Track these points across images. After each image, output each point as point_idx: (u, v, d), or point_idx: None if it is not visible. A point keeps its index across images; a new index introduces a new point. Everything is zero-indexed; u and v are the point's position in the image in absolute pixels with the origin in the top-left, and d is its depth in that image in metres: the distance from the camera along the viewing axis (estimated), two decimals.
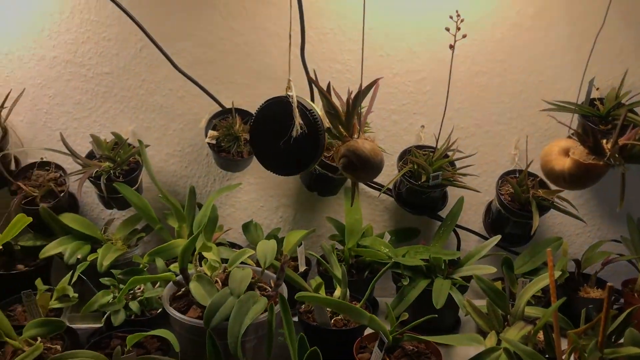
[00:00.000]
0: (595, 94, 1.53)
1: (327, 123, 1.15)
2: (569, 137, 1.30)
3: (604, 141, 1.11)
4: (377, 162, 1.09)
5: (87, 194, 1.61)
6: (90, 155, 1.52)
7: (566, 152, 1.17)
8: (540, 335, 1.24)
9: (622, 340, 1.14)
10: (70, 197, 1.57)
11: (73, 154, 1.46)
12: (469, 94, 1.58)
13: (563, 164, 1.16)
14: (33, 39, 1.51)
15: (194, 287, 1.20)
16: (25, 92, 1.52)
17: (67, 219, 1.49)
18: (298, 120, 1.07)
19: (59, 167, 1.55)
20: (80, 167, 1.50)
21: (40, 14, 1.49)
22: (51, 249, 1.46)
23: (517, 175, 1.56)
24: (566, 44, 1.54)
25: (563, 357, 1.11)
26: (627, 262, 1.60)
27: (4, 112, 1.49)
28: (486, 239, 1.57)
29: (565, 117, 1.47)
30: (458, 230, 1.65)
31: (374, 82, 1.11)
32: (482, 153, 1.62)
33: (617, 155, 1.08)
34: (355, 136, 1.11)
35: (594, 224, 1.70)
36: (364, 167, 1.08)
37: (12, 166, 1.55)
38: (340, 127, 1.11)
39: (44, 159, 1.56)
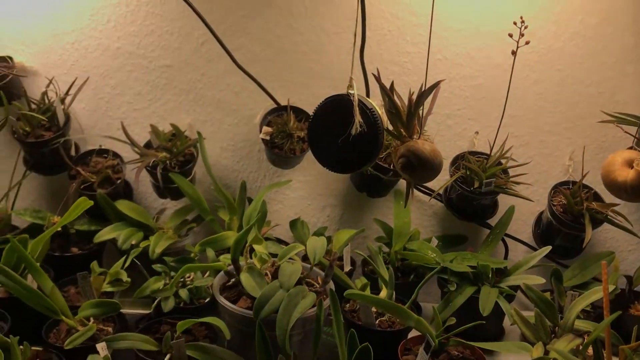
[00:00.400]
0: None
1: (386, 123, 1.15)
2: (631, 147, 1.27)
3: None
4: (436, 164, 1.10)
5: (142, 183, 1.65)
6: (148, 145, 1.56)
7: (630, 164, 1.15)
8: (590, 350, 1.22)
9: None
10: (125, 184, 1.62)
11: (132, 142, 1.51)
12: (525, 102, 1.57)
13: (626, 175, 1.14)
14: (99, 30, 1.56)
15: (244, 278, 1.22)
16: (88, 80, 1.58)
17: (123, 205, 1.54)
18: (358, 118, 1.08)
19: (116, 155, 1.60)
20: (137, 157, 1.54)
21: (107, 6, 1.54)
22: (105, 234, 1.50)
23: (571, 186, 1.53)
24: (629, 55, 1.51)
25: None
26: None
27: (68, 99, 1.55)
28: (535, 249, 1.56)
29: (627, 129, 1.44)
30: (507, 239, 1.63)
31: (437, 84, 1.11)
32: (536, 163, 1.60)
33: None
34: (415, 137, 1.11)
35: None
36: (424, 168, 1.08)
37: (73, 152, 1.60)
38: (400, 127, 1.11)
39: (102, 147, 1.61)
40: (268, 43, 1.55)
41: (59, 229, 1.32)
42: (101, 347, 1.12)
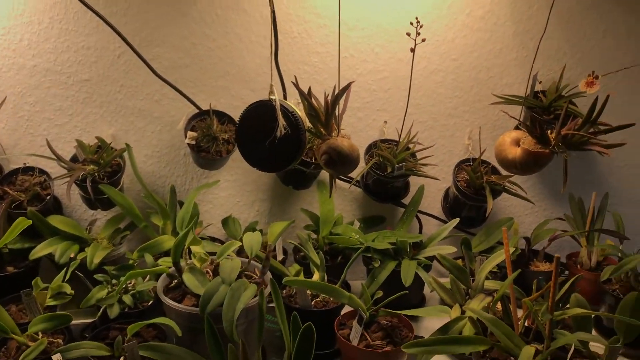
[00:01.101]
0: (538, 87, 1.69)
1: (307, 123, 1.27)
2: (517, 128, 1.45)
3: (549, 131, 1.27)
4: (354, 158, 1.22)
5: (70, 198, 1.68)
6: (74, 159, 1.59)
7: (517, 142, 1.33)
8: (499, 305, 1.40)
9: (568, 305, 1.31)
10: (54, 200, 1.64)
11: (59, 158, 1.53)
12: (426, 90, 1.73)
13: (515, 152, 1.32)
14: (12, 49, 1.56)
15: (187, 278, 1.30)
16: (6, 100, 1.58)
17: (55, 220, 1.56)
18: (282, 121, 1.18)
19: (42, 172, 1.62)
20: (63, 171, 1.57)
21: (19, 24, 1.54)
22: (41, 250, 1.53)
23: (472, 163, 1.71)
24: (511, 43, 1.70)
25: (519, 322, 1.27)
26: (570, 237, 1.78)
27: None
28: (445, 222, 1.73)
29: (513, 109, 1.63)
30: (420, 215, 1.80)
31: (348, 85, 1.24)
32: (439, 145, 1.78)
33: (560, 144, 1.24)
34: (334, 134, 1.23)
35: (541, 205, 1.88)
36: (344, 162, 1.21)
37: None
38: (320, 126, 1.23)
39: (27, 164, 1.62)
40: (184, 51, 1.62)
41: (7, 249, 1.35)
42: (56, 357, 1.17)
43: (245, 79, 1.64)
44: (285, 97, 1.57)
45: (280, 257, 1.64)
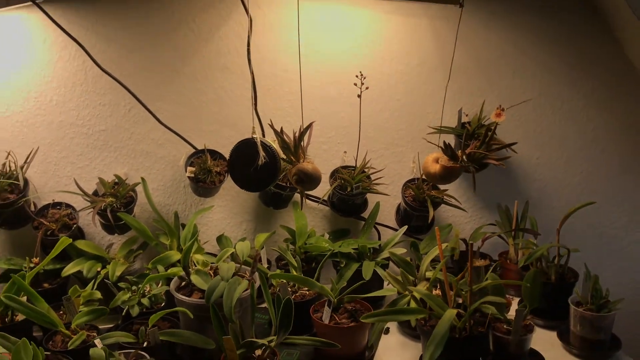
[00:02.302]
0: (465, 119, 2.12)
1: (281, 154, 1.67)
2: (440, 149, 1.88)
3: (459, 152, 1.69)
4: (317, 177, 1.63)
5: (89, 226, 2.05)
6: (95, 194, 1.97)
7: (437, 160, 1.74)
8: (439, 291, 1.79)
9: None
10: (78, 229, 2.01)
11: (84, 193, 1.91)
12: (377, 125, 2.15)
13: (435, 168, 1.73)
14: (44, 108, 1.95)
15: (194, 278, 1.67)
16: (38, 150, 1.96)
17: (81, 244, 1.93)
18: (262, 153, 1.58)
19: (68, 206, 1.99)
20: (85, 204, 1.94)
21: (49, 89, 1.94)
22: (71, 268, 1.89)
23: (416, 181, 2.12)
24: (441, 84, 2.12)
25: (451, 298, 1.66)
26: (500, 238, 2.19)
27: (25, 167, 1.93)
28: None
29: (447, 137, 2.05)
30: (378, 227, 2.20)
31: (310, 125, 1.65)
32: (390, 168, 2.18)
33: (466, 160, 1.66)
34: (302, 161, 1.64)
35: (477, 214, 2.29)
36: (309, 180, 1.61)
37: (32, 207, 1.97)
38: (290, 155, 1.64)
39: (55, 201, 1.99)
40: (181, 103, 2.02)
41: (32, 264, 1.72)
42: (98, 342, 1.53)
43: (231, 124, 2.04)
44: (264, 135, 1.97)
45: (265, 265, 2.01)
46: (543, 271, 1.92)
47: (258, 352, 1.54)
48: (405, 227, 2.01)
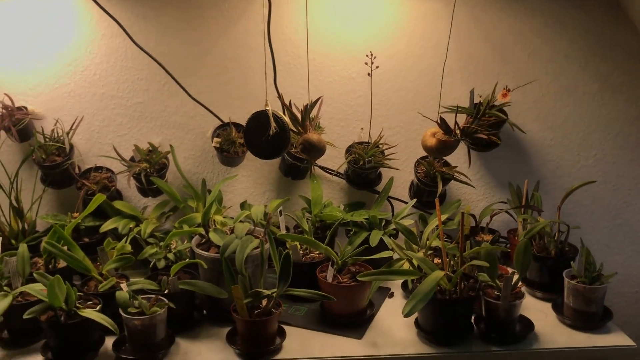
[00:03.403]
0: (478, 100, 2.21)
1: (291, 126, 1.83)
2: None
3: (455, 126, 1.80)
4: (321, 147, 1.78)
5: (127, 189, 2.26)
6: (132, 159, 2.18)
7: (434, 135, 1.86)
8: (438, 259, 1.91)
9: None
10: (117, 191, 2.23)
11: (122, 158, 2.12)
12: (392, 104, 2.27)
13: (432, 142, 1.85)
14: (88, 81, 2.17)
15: (212, 235, 1.85)
16: (83, 119, 2.19)
17: (118, 204, 2.14)
18: (273, 124, 1.75)
19: (108, 170, 2.21)
20: (123, 169, 2.16)
21: (93, 64, 2.16)
22: (108, 225, 2.10)
23: (428, 158, 2.23)
24: (455, 66, 2.23)
25: (447, 264, 1.77)
26: (510, 216, 2.28)
27: (71, 133, 2.16)
28: (412, 207, 2.25)
29: (460, 117, 2.15)
30: (392, 200, 2.33)
31: (318, 99, 1.80)
32: (405, 146, 2.30)
33: (459, 134, 1.77)
34: (308, 132, 1.79)
35: (489, 192, 2.38)
36: (313, 150, 1.76)
37: (77, 170, 2.20)
38: (298, 127, 1.79)
39: (97, 165, 2.22)
40: (211, 79, 2.20)
41: (80, 221, 1.94)
42: (124, 286, 1.73)
43: (255, 99, 2.20)
44: (284, 112, 2.13)
45: (283, 231, 2.18)
46: (544, 246, 2.01)
47: (264, 302, 1.71)
48: (415, 200, 2.13)
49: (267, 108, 1.78)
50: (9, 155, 2.19)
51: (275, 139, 1.77)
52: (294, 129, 1.83)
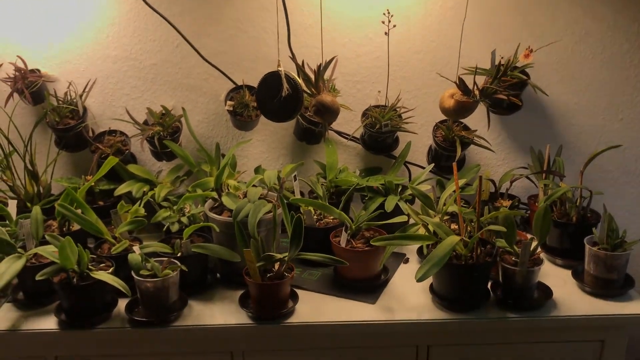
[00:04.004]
0: (499, 61, 2.13)
1: (305, 88, 1.78)
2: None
3: (474, 87, 1.73)
4: (335, 109, 1.73)
5: (141, 153, 2.25)
6: (146, 123, 2.16)
7: (452, 96, 1.79)
8: (455, 225, 1.87)
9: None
10: (131, 155, 2.22)
11: (135, 122, 2.10)
12: (411, 66, 2.20)
13: (450, 103, 1.79)
14: (100, 43, 2.14)
15: (225, 199, 1.83)
16: (96, 81, 2.17)
17: (133, 168, 2.13)
18: (285, 85, 1.70)
19: (122, 133, 2.19)
20: (136, 133, 2.14)
21: (106, 26, 2.12)
22: (123, 188, 2.09)
23: (447, 122, 2.17)
24: (475, 27, 2.14)
25: (464, 230, 1.73)
26: (531, 182, 2.22)
27: (83, 96, 2.14)
28: (430, 172, 2.20)
29: (479, 79, 2.08)
30: (410, 166, 2.28)
31: (332, 59, 1.75)
32: (423, 109, 2.24)
33: (478, 95, 1.70)
34: (322, 93, 1.74)
35: (510, 157, 2.31)
36: (327, 111, 1.71)
37: (90, 134, 2.19)
38: (311, 88, 1.74)
39: (111, 128, 2.20)
40: (224, 41, 2.15)
41: (93, 184, 1.93)
42: (136, 249, 1.72)
43: (269, 60, 2.15)
44: (298, 75, 2.08)
45: (298, 196, 2.15)
46: (565, 212, 1.95)
47: (277, 266, 1.69)
48: (432, 165, 2.08)
49: (280, 69, 1.73)
50: (23, 118, 2.18)
51: (287, 100, 1.73)
52: (307, 91, 1.78)
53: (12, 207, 1.92)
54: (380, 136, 2.10)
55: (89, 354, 1.68)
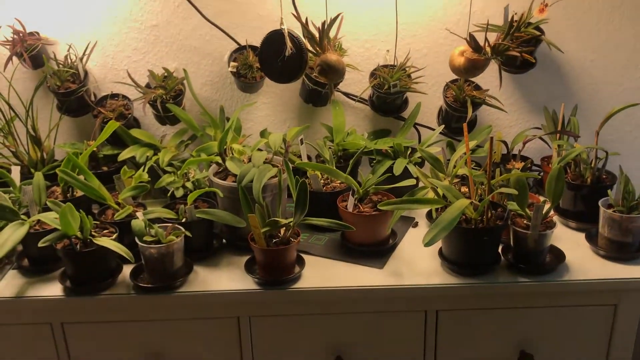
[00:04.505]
0: (512, 17, 2.04)
1: (309, 47, 1.71)
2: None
3: (485, 43, 1.65)
4: (341, 68, 1.66)
5: (145, 117, 2.20)
6: (148, 86, 2.11)
7: (462, 53, 1.72)
8: (465, 188, 1.82)
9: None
10: (134, 119, 2.17)
11: (136, 85, 2.05)
12: (421, 24, 2.11)
13: (460, 61, 1.71)
14: (99, 5, 2.08)
15: (229, 164, 1.79)
16: (97, 44, 2.11)
17: (136, 132, 2.09)
18: (289, 44, 1.63)
19: (125, 97, 2.14)
20: (139, 96, 2.09)
21: None
22: (127, 153, 2.06)
23: (458, 82, 2.10)
24: None
25: (474, 193, 1.68)
26: (544, 143, 2.15)
27: (84, 59, 2.09)
28: (440, 134, 2.14)
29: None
30: (419, 127, 2.22)
31: (337, 16, 1.67)
32: (434, 68, 2.16)
33: (489, 52, 1.63)
34: (327, 52, 1.68)
35: (524, 118, 2.24)
36: (332, 71, 1.65)
37: (92, 98, 2.14)
38: (316, 46, 1.67)
39: (113, 92, 2.15)
40: (226, 0, 2.08)
41: (95, 149, 1.89)
42: (139, 215, 1.70)
43: (273, 20, 2.08)
44: (303, 34, 2.01)
45: (305, 160, 2.10)
46: (580, 174, 1.89)
47: (282, 231, 1.66)
48: (442, 126, 2.03)
49: (283, 27, 1.67)
50: (25, 83, 2.14)
51: (291, 60, 1.66)
52: (312, 50, 1.71)
53: (16, 173, 1.90)
54: (389, 97, 2.04)
55: (94, 320, 1.67)
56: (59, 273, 1.68)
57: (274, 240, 1.64)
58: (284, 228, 1.65)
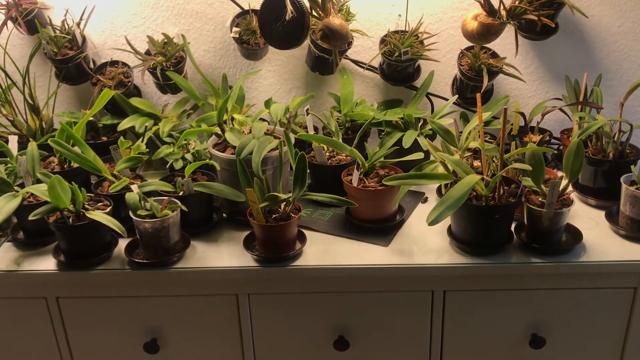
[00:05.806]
0: None
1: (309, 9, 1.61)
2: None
3: (500, 6, 1.53)
4: (344, 33, 1.56)
5: (146, 86, 2.13)
6: (148, 53, 2.02)
7: (476, 17, 1.60)
8: (478, 162, 1.71)
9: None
10: (135, 87, 2.10)
11: (135, 51, 1.97)
12: None
13: (473, 26, 1.59)
14: None
15: (228, 135, 1.71)
16: (95, 8, 2.02)
17: (136, 101, 2.01)
18: (290, 7, 1.53)
19: (125, 64, 2.06)
20: (139, 64, 2.01)
21: None
22: (126, 123, 1.98)
23: (473, 49, 1.98)
24: None
25: (486, 168, 1.58)
26: (565, 115, 2.03)
27: (82, 24, 2.00)
28: (455, 103, 2.03)
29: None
30: (432, 97, 2.11)
31: None
32: (448, 34, 2.04)
33: (505, 15, 1.51)
34: (330, 16, 1.57)
35: (543, 88, 2.12)
36: (335, 36, 1.54)
37: (91, 65, 2.07)
38: (319, 10, 1.57)
39: (113, 59, 2.07)
40: None
41: (91, 118, 1.82)
42: (134, 187, 1.63)
43: None
44: None
45: (311, 132, 2.01)
46: (601, 148, 1.78)
47: (282, 206, 1.58)
48: (456, 96, 1.91)
49: None
50: (22, 50, 2.07)
51: (292, 25, 1.56)
52: (315, 14, 1.60)
53: (13, 143, 1.84)
54: (400, 65, 1.93)
55: (90, 295, 1.63)
56: (53, 247, 1.62)
57: (274, 216, 1.56)
58: (284, 203, 1.57)
